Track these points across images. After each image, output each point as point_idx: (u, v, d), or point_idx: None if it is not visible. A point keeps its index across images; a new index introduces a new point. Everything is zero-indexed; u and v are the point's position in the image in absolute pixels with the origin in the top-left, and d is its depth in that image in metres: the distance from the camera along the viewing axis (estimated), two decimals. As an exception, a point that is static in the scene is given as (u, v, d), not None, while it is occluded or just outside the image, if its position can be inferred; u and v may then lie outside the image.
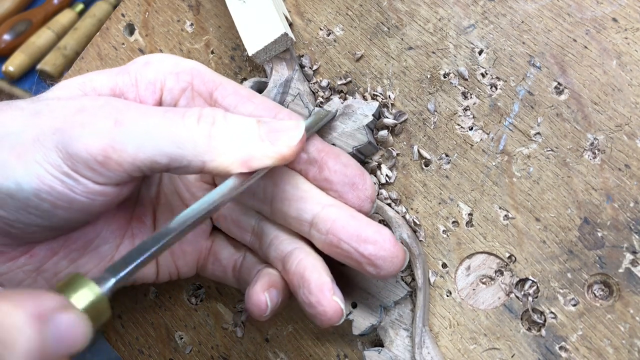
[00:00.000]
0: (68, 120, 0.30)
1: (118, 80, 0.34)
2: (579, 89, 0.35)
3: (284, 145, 0.31)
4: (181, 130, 0.30)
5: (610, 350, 0.33)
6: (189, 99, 0.35)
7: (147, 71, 0.34)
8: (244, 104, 0.34)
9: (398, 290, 0.36)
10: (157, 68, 0.35)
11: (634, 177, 0.34)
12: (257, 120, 0.32)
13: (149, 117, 0.30)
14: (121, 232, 0.37)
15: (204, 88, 0.34)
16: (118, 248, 0.36)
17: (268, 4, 0.39)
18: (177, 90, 0.34)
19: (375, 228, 0.33)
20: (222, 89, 0.35)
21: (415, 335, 0.36)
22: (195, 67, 0.35)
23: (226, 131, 0.31)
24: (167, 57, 0.35)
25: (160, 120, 0.30)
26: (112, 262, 0.30)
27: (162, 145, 0.30)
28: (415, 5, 0.39)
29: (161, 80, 0.34)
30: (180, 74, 0.34)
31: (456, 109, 0.38)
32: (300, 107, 0.39)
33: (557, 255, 0.35)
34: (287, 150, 0.31)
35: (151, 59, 0.35)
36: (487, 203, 0.37)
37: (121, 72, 0.35)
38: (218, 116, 0.31)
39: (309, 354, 0.41)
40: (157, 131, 0.30)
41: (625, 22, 0.34)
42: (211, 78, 0.35)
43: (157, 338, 0.46)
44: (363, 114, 0.37)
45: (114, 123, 0.30)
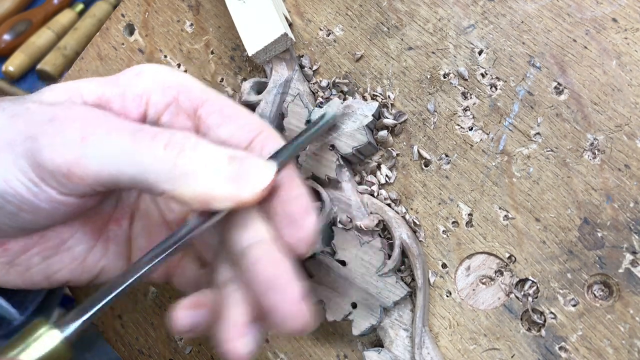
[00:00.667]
0: (40, 128, 0.30)
1: (106, 90, 0.34)
2: (578, 89, 0.35)
3: (249, 191, 0.30)
4: (146, 155, 0.29)
5: (610, 350, 0.33)
6: (173, 115, 0.34)
7: (136, 83, 0.34)
8: (226, 125, 0.33)
9: (398, 290, 0.36)
10: (146, 81, 0.34)
11: (634, 177, 0.34)
12: (229, 157, 0.30)
13: (118, 136, 0.30)
14: (96, 234, 0.37)
15: (189, 104, 0.34)
16: (92, 250, 0.36)
17: (268, 4, 0.39)
18: (161, 105, 0.34)
19: (289, 281, 0.31)
20: (207, 106, 0.34)
21: (415, 335, 0.36)
22: (183, 83, 0.34)
23: (192, 163, 0.30)
24: (159, 70, 0.35)
25: (127, 140, 0.30)
26: (79, 306, 0.30)
27: (125, 167, 0.29)
28: (415, 6, 0.39)
29: (147, 94, 0.34)
30: (166, 89, 0.34)
31: (456, 109, 0.38)
32: (300, 107, 0.39)
33: (557, 256, 0.35)
34: (250, 198, 0.30)
35: (143, 70, 0.34)
36: (487, 203, 0.37)
37: (111, 83, 0.34)
38: (188, 145, 0.30)
39: (309, 354, 0.41)
40: (122, 152, 0.30)
41: (625, 22, 0.34)
42: (198, 94, 0.34)
43: (157, 338, 0.46)
44: (363, 114, 0.37)
45: (81, 138, 0.29)
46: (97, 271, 0.37)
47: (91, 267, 0.37)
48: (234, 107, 0.34)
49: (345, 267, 0.37)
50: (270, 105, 0.40)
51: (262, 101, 0.40)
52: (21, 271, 0.35)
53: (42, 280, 0.36)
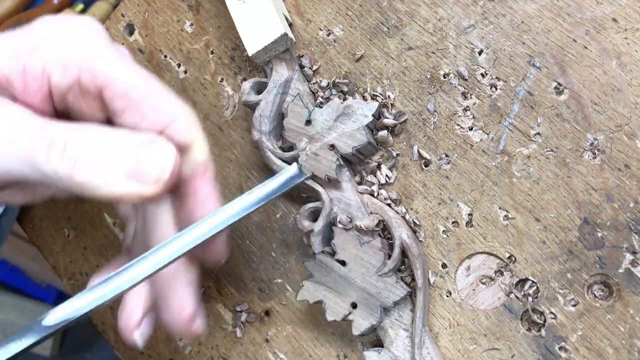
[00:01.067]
0: None
1: (4, 65, 0.30)
2: (578, 89, 0.35)
3: (151, 186, 0.29)
4: (45, 166, 0.28)
5: (610, 350, 0.33)
6: (78, 97, 0.31)
7: (35, 59, 0.30)
8: (130, 113, 0.31)
9: (398, 290, 0.36)
10: (45, 56, 0.30)
11: (634, 177, 0.34)
12: (128, 149, 0.29)
13: (18, 142, 0.28)
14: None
15: (92, 86, 0.30)
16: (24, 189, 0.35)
17: (268, 4, 0.39)
18: (63, 86, 0.31)
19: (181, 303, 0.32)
20: (112, 91, 0.30)
21: (415, 335, 0.36)
22: (85, 59, 0.30)
23: (89, 170, 0.28)
24: (57, 41, 0.30)
25: (28, 148, 0.28)
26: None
27: (27, 172, 0.28)
28: (415, 6, 0.39)
29: (47, 74, 0.30)
30: (67, 67, 0.30)
31: (456, 109, 0.38)
32: (300, 107, 0.39)
33: (557, 256, 0.35)
34: (153, 193, 0.29)
35: (40, 43, 0.30)
36: (487, 203, 0.37)
37: (10, 54, 0.30)
38: (83, 148, 0.28)
39: (309, 354, 0.41)
40: (24, 160, 0.28)
41: (625, 22, 0.34)
42: (103, 74, 0.30)
43: (157, 338, 0.46)
44: (363, 114, 0.37)
45: None
46: (50, 193, 0.36)
47: (42, 193, 0.35)
48: (143, 89, 0.31)
49: (345, 267, 0.37)
50: (270, 105, 0.40)
51: (262, 101, 0.40)
52: None
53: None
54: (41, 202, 0.36)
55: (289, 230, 0.42)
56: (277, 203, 0.43)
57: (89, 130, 0.29)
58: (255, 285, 0.43)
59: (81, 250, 0.50)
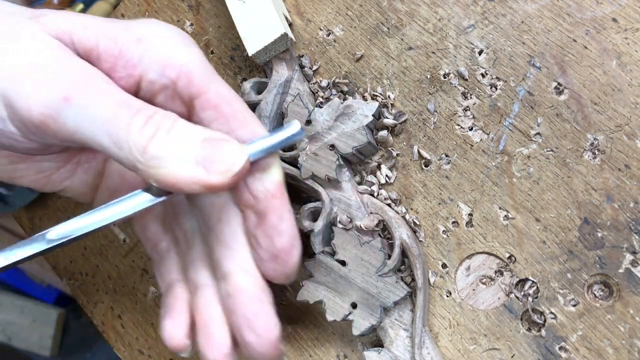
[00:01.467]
0: (25, 73, 0.29)
1: (101, 43, 0.31)
2: (579, 89, 0.35)
3: (218, 176, 0.30)
4: (122, 131, 0.29)
5: (610, 350, 0.33)
6: (169, 99, 0.32)
7: (135, 49, 0.31)
8: (219, 125, 0.32)
9: (398, 290, 0.36)
10: (147, 50, 0.31)
11: (634, 177, 0.34)
12: (203, 139, 0.30)
13: (101, 105, 0.29)
14: (66, 158, 0.36)
15: (186, 92, 0.32)
16: (59, 169, 0.36)
17: (268, 4, 0.39)
18: (157, 85, 0.32)
19: (268, 323, 0.32)
20: (204, 100, 0.32)
21: (415, 335, 0.36)
22: (185, 65, 0.32)
23: (164, 148, 0.29)
24: (163, 43, 0.32)
25: (110, 112, 0.29)
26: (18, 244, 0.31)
27: (100, 136, 0.29)
28: (415, 5, 0.39)
29: (144, 68, 0.31)
30: (166, 69, 0.31)
31: (456, 109, 0.38)
32: (300, 107, 0.39)
33: (557, 256, 0.35)
34: (219, 183, 0.30)
35: (145, 36, 0.32)
36: (487, 203, 0.37)
37: (109, 35, 0.31)
38: (164, 127, 0.30)
39: (309, 354, 0.41)
40: (100, 122, 0.29)
41: (625, 22, 0.34)
42: (199, 83, 0.32)
43: (157, 338, 0.46)
44: (363, 114, 0.37)
45: (64, 98, 0.29)
46: (61, 188, 0.37)
47: (55, 183, 0.37)
48: (231, 105, 0.33)
49: (345, 267, 0.37)
50: (270, 105, 0.40)
51: (262, 101, 0.40)
52: None
53: (7, 179, 0.36)
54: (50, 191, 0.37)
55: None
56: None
57: (173, 115, 0.30)
58: (255, 285, 0.43)
59: (81, 250, 0.50)
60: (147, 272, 0.47)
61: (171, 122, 0.30)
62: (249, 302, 0.32)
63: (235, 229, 0.34)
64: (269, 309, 0.33)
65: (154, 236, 0.38)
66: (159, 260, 0.38)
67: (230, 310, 0.33)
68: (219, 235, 0.34)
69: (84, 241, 0.50)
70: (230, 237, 0.34)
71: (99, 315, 0.48)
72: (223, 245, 0.34)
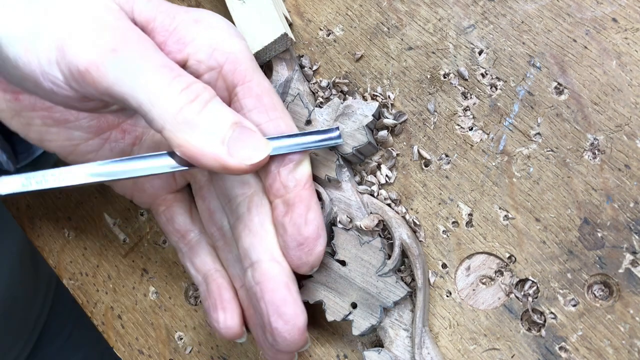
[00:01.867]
0: (82, 22, 0.30)
1: (158, 17, 0.33)
2: (579, 89, 0.35)
3: (237, 160, 0.31)
4: (160, 90, 0.30)
5: (610, 350, 0.33)
6: (213, 79, 0.34)
7: (189, 29, 0.33)
8: (258, 113, 0.34)
9: (398, 290, 0.36)
10: (200, 34, 0.33)
11: (634, 177, 0.34)
12: (234, 122, 0.31)
13: (145, 62, 0.30)
14: (97, 131, 0.37)
15: (230, 78, 0.33)
16: (88, 141, 0.37)
17: (268, 4, 0.39)
18: (204, 66, 0.33)
19: (295, 310, 0.33)
20: (246, 88, 0.34)
21: (415, 335, 0.36)
22: (233, 53, 0.33)
23: (196, 116, 0.30)
24: (218, 28, 0.34)
25: (152, 69, 0.30)
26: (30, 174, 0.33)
27: (137, 92, 0.30)
28: (415, 5, 0.39)
29: (195, 47, 0.33)
30: (216, 52, 0.33)
31: (456, 109, 0.38)
32: (300, 107, 0.39)
33: (557, 256, 0.35)
34: (236, 166, 0.31)
35: (203, 20, 0.33)
36: (487, 203, 0.37)
37: (167, 12, 0.33)
38: (201, 98, 0.31)
39: (309, 354, 0.41)
40: (142, 78, 0.30)
41: (625, 22, 0.34)
42: (244, 72, 0.33)
43: (157, 338, 0.46)
44: (363, 114, 0.37)
45: (112, 49, 0.30)
46: (84, 160, 0.38)
47: (81, 154, 0.38)
48: (272, 97, 0.34)
49: (345, 267, 0.37)
50: (270, 105, 0.40)
51: (262, 101, 0.40)
52: (23, 123, 0.37)
53: (36, 141, 0.37)
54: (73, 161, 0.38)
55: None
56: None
57: (212, 90, 0.32)
58: (255, 285, 0.43)
59: (81, 250, 0.50)
60: (147, 272, 0.47)
61: (209, 96, 0.31)
62: (277, 289, 0.33)
63: (264, 219, 0.35)
64: (296, 297, 0.34)
65: (181, 227, 0.39)
66: (189, 251, 0.39)
67: (258, 298, 0.34)
68: (248, 224, 0.35)
69: (83, 241, 0.50)
70: (260, 226, 0.35)
71: (99, 315, 0.48)
72: (252, 234, 0.34)
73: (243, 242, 0.35)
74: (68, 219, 0.50)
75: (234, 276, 0.38)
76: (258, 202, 0.35)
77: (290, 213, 0.34)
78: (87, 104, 0.32)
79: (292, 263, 0.35)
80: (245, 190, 0.36)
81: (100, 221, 0.49)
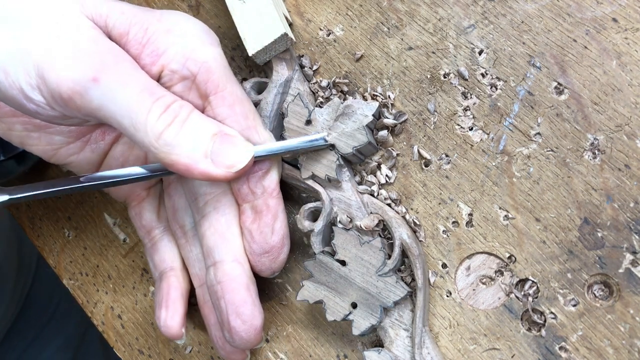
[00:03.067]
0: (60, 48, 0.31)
1: (132, 30, 0.33)
2: (579, 89, 0.35)
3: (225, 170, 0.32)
4: (142, 115, 0.31)
5: (610, 350, 0.33)
6: (187, 89, 0.34)
7: (162, 40, 0.33)
8: (231, 122, 0.35)
9: (398, 290, 0.36)
10: (173, 44, 0.33)
11: (634, 177, 0.34)
12: (214, 133, 0.32)
13: (125, 88, 0.31)
14: (78, 135, 0.38)
15: (203, 87, 0.34)
16: (69, 145, 0.38)
17: (268, 4, 0.39)
18: (177, 75, 0.34)
19: (253, 311, 0.35)
20: (219, 97, 0.34)
21: (415, 335, 0.36)
22: (207, 62, 0.34)
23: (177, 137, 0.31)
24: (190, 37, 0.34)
25: (133, 96, 0.31)
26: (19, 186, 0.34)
27: (120, 117, 0.31)
28: (415, 5, 0.39)
29: (168, 58, 0.33)
30: (188, 62, 0.33)
31: (456, 109, 0.38)
32: (300, 107, 0.39)
33: (557, 256, 0.35)
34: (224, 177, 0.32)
35: (175, 29, 0.34)
36: (487, 203, 0.37)
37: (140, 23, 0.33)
38: (179, 118, 0.32)
39: (309, 354, 0.41)
40: (124, 105, 0.31)
41: (625, 22, 0.34)
42: (217, 81, 0.34)
43: (157, 338, 0.46)
44: (363, 114, 0.37)
45: (92, 78, 0.30)
46: (66, 162, 0.39)
47: (62, 156, 0.39)
48: (244, 106, 0.35)
49: (345, 267, 0.37)
50: (271, 105, 0.40)
51: (262, 101, 0.40)
52: (4, 128, 0.37)
53: (18, 144, 0.38)
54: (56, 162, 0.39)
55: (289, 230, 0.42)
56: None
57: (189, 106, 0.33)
58: (255, 285, 0.43)
59: (81, 250, 0.50)
60: (147, 272, 0.47)
61: (187, 113, 0.32)
62: (238, 289, 0.35)
63: (230, 220, 0.36)
64: (255, 298, 0.35)
65: (147, 223, 0.41)
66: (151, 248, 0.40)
67: (218, 296, 0.35)
68: (214, 223, 0.36)
69: (84, 241, 0.50)
70: (225, 227, 0.36)
71: (99, 315, 0.48)
72: (217, 234, 0.36)
73: (207, 241, 0.36)
74: (68, 218, 0.50)
75: (194, 275, 0.39)
76: (226, 202, 0.36)
77: (258, 220, 0.36)
78: (71, 120, 0.33)
79: (255, 267, 0.36)
80: (213, 190, 0.37)
81: (100, 221, 0.49)
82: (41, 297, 0.69)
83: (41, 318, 0.69)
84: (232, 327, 0.34)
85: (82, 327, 0.71)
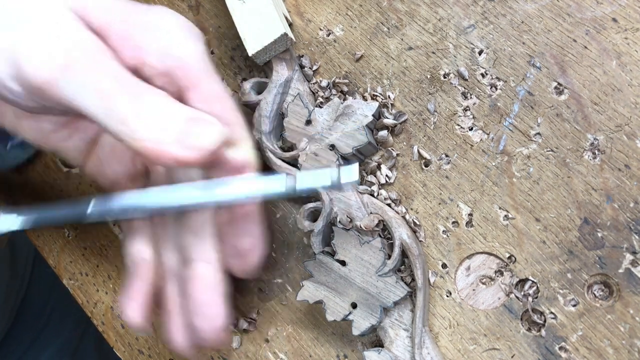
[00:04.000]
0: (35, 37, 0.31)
1: (113, 24, 0.33)
2: (579, 89, 0.35)
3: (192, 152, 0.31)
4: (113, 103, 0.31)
5: (610, 350, 0.33)
6: (166, 84, 0.34)
7: (142, 34, 0.33)
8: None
9: (398, 290, 0.36)
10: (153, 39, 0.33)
11: (634, 177, 0.34)
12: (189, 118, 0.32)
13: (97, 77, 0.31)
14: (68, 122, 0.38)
15: (181, 82, 0.34)
16: (57, 131, 0.38)
17: (268, 4, 0.39)
18: (155, 70, 0.33)
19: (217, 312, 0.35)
20: (197, 92, 0.34)
21: (415, 335, 0.36)
22: (185, 57, 0.34)
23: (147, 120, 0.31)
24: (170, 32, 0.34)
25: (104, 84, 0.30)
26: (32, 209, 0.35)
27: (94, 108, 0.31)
28: (415, 5, 0.39)
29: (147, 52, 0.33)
30: (167, 57, 0.33)
31: (456, 109, 0.38)
32: (300, 107, 0.39)
33: (557, 256, 0.35)
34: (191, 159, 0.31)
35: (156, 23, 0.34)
36: (487, 203, 0.37)
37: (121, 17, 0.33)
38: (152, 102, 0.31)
39: (309, 354, 0.41)
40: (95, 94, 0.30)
41: (625, 22, 0.34)
42: (194, 77, 0.34)
43: (158, 338, 0.46)
44: (363, 114, 0.37)
45: (64, 66, 0.30)
46: (56, 148, 0.39)
47: (52, 143, 0.39)
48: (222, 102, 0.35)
49: (345, 267, 0.37)
50: (270, 105, 0.40)
51: (262, 101, 0.40)
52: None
53: (11, 131, 0.38)
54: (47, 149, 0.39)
55: (289, 230, 0.42)
56: (277, 203, 0.43)
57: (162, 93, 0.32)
58: (255, 285, 0.43)
59: (81, 250, 0.50)
60: (147, 272, 0.47)
61: (159, 99, 0.32)
62: (204, 290, 0.35)
63: (205, 219, 0.36)
64: (221, 300, 0.35)
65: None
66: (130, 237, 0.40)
67: (187, 294, 0.35)
68: (189, 221, 0.36)
69: (83, 241, 0.50)
70: (200, 226, 0.36)
71: (99, 315, 0.48)
72: (192, 233, 0.36)
73: (182, 238, 0.36)
74: (68, 219, 0.50)
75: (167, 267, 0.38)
76: None
77: (232, 223, 0.36)
78: (52, 110, 0.33)
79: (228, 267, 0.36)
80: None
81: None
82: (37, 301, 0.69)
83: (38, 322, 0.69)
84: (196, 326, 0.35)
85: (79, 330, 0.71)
